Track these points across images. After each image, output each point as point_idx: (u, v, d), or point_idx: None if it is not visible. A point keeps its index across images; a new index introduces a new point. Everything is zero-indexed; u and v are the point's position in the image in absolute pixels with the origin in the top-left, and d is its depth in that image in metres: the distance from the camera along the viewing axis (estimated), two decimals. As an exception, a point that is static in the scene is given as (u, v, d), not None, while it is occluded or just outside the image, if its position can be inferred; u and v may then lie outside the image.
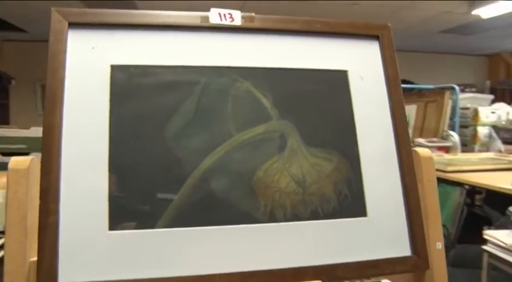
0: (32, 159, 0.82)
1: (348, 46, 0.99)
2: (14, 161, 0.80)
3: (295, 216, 0.86)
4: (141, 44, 0.88)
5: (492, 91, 7.14)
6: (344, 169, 0.91)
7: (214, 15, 0.91)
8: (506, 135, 4.71)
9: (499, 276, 2.09)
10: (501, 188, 2.69)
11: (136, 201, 0.80)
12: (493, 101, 5.55)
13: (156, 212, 0.80)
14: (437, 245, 0.94)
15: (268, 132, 0.89)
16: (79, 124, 0.82)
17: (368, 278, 0.89)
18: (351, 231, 0.88)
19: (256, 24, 0.93)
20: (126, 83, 0.85)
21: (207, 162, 0.84)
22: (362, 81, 0.97)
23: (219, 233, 0.82)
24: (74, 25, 0.85)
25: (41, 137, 0.81)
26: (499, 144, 4.62)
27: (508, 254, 1.95)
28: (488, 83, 7.64)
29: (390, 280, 0.98)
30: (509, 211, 2.26)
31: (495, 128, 4.80)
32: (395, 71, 0.98)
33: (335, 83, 0.96)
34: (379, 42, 1.00)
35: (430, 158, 0.98)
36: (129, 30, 0.88)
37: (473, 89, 6.67)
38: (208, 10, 0.91)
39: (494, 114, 4.93)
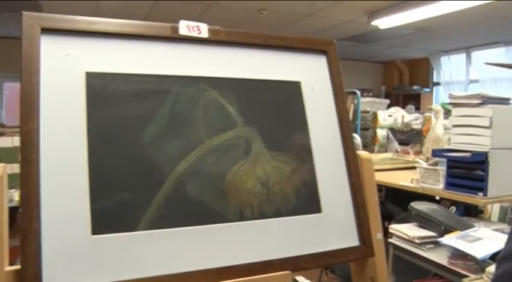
0: (4, 166, 0.82)
1: (300, 59, 1.09)
2: (-13, 169, 0.80)
3: (262, 214, 0.94)
4: (114, 52, 0.91)
5: (387, 96, 7.78)
6: (301, 171, 1.01)
7: (183, 27, 0.97)
8: (402, 137, 5.16)
9: (403, 266, 2.30)
10: (402, 185, 2.96)
11: (117, 205, 0.83)
12: (389, 105, 6.04)
13: (136, 215, 0.84)
14: (377, 236, 1.08)
15: (235, 138, 0.96)
16: (56, 130, 0.83)
17: (325, 266, 1.00)
18: (309, 226, 0.99)
19: (222, 37, 1.00)
20: (101, 91, 0.88)
21: (182, 166, 0.89)
22: (313, 92, 1.08)
23: (196, 232, 0.88)
24: (47, 31, 0.86)
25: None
26: (396, 145, 5.05)
27: (410, 245, 2.17)
28: (383, 88, 8.32)
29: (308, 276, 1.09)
30: (411, 207, 2.47)
31: (392, 130, 5.24)
32: (341, 82, 1.11)
33: (290, 92, 1.06)
34: (327, 57, 1.12)
35: (370, 160, 1.11)
36: (102, 38, 0.91)
37: (371, 94, 7.22)
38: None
39: (391, 117, 5.36)
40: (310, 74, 1.09)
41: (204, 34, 0.99)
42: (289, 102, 1.05)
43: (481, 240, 1.91)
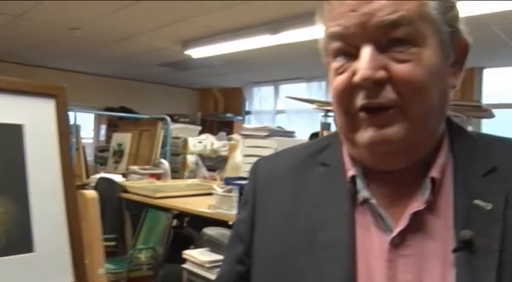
0: None
1: (26, 103, 1.13)
2: None
3: (-38, 258, 0.95)
4: None
5: (202, 122, 8.08)
6: (14, 211, 1.04)
7: None
8: (210, 163, 5.40)
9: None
10: (201, 211, 3.10)
11: None
12: (202, 132, 6.29)
13: None
14: (99, 271, 1.16)
15: None
16: None
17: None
18: (20, 266, 1.02)
19: None
20: None
21: None
22: (37, 134, 1.12)
23: None
24: None
25: None
26: (204, 171, 5.27)
27: (201, 270, 2.27)
28: (199, 114, 8.61)
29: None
30: (203, 232, 2.58)
31: (201, 156, 5.46)
32: (67, 126, 1.18)
33: (11, 135, 1.09)
34: (56, 101, 1.18)
35: (94, 199, 1.20)
36: None
37: (187, 119, 7.42)
38: None
39: (201, 144, 5.60)
40: (36, 116, 1.13)
41: None
42: (8, 144, 1.08)
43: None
